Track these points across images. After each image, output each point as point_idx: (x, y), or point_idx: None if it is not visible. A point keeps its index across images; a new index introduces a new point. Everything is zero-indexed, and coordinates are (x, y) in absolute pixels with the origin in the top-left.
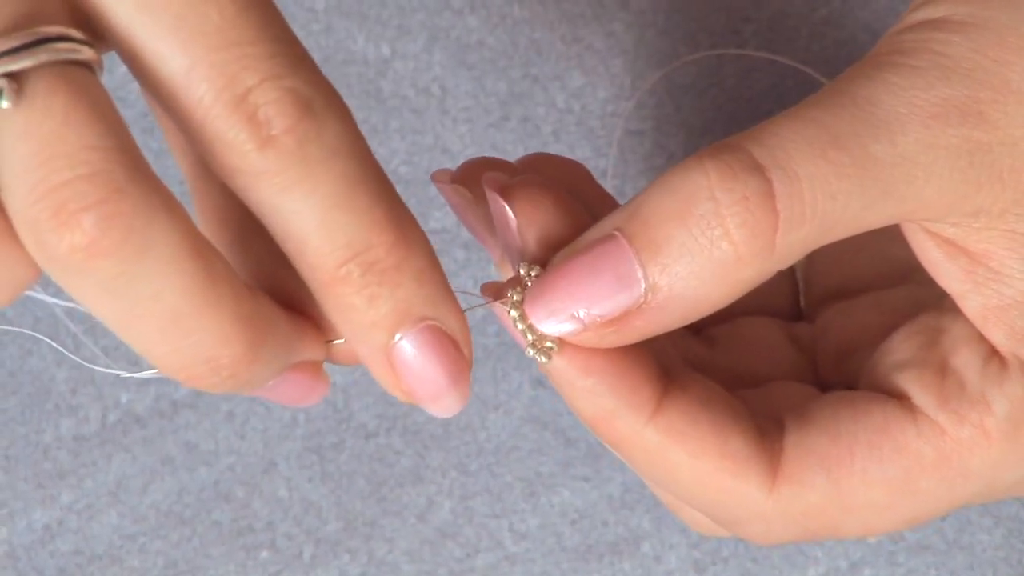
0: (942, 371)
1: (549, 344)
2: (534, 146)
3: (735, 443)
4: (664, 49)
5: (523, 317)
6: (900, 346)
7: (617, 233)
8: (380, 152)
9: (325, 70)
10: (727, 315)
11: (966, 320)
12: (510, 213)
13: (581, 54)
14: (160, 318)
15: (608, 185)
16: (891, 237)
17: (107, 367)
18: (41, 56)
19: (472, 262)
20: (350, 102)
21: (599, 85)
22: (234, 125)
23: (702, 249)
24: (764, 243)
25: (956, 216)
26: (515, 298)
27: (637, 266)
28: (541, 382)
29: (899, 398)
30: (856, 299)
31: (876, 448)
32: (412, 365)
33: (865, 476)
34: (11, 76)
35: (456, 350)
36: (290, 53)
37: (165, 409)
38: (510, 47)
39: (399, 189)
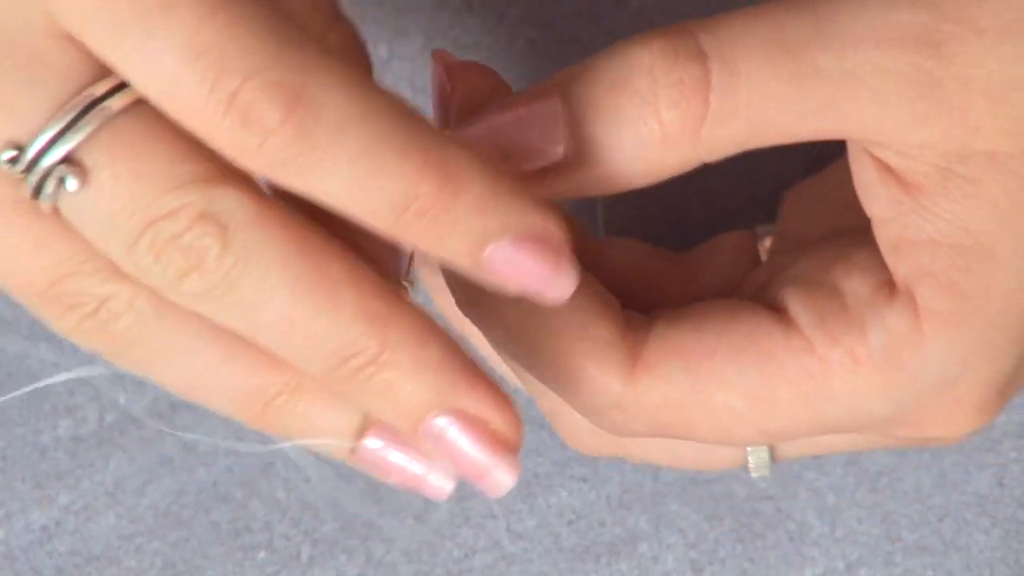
0: (829, 293)
1: None
2: None
3: (597, 328)
4: None
5: None
6: (794, 264)
7: (554, 90)
8: None
9: None
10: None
11: (869, 251)
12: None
13: (579, 54)
14: (278, 323)
15: None
16: (846, 205)
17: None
18: (88, 126)
19: None
20: None
21: None
22: (231, 127)
23: (629, 122)
24: (690, 130)
25: (899, 144)
26: None
27: (562, 125)
28: None
29: (778, 311)
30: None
31: (740, 351)
32: (507, 270)
33: (724, 376)
34: (69, 159)
35: (546, 244)
36: (269, 45)
37: (163, 410)
38: (508, 47)
39: None
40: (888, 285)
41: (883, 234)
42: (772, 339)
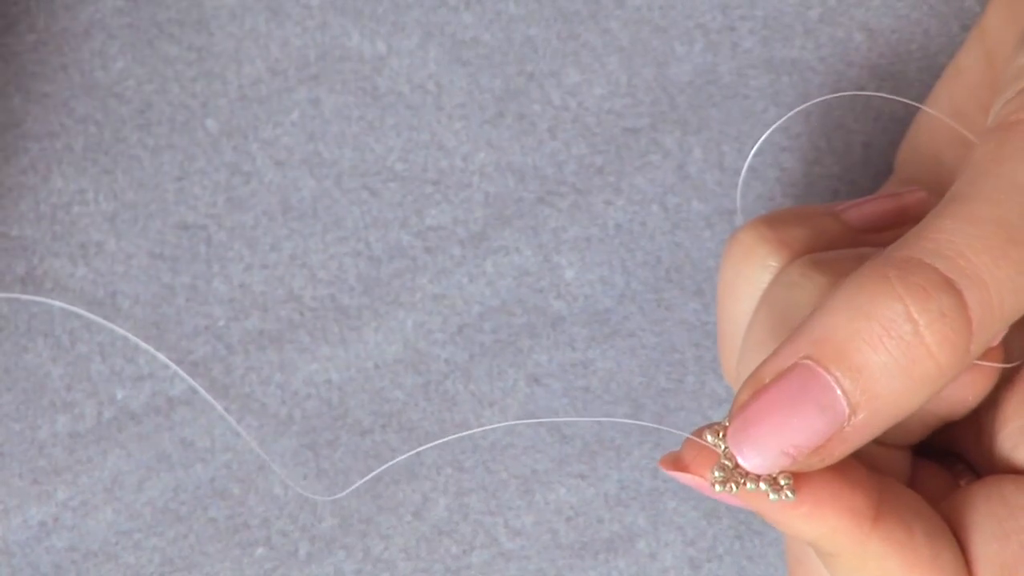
0: None
1: (783, 481)
2: (530, 143)
3: (945, 556)
4: (659, 47)
5: (731, 457)
6: (1017, 413)
7: (809, 362)
8: (376, 149)
9: (320, 67)
10: None
11: None
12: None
13: (577, 51)
14: None
15: (604, 182)
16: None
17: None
18: None
19: (468, 259)
20: (345, 99)
21: (595, 82)
22: None
23: (904, 369)
24: (962, 351)
25: None
26: (722, 446)
27: (840, 393)
28: (537, 379)
29: None
30: None
31: None
32: None
33: None
34: None
35: None
36: None
37: (161, 406)
38: (505, 44)
39: (394, 186)
40: None
41: None
42: None
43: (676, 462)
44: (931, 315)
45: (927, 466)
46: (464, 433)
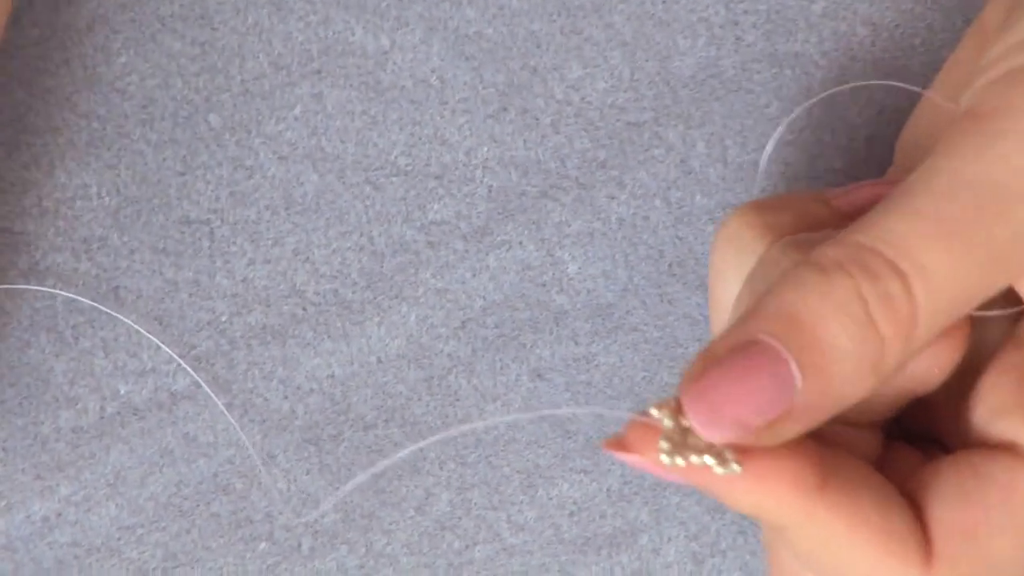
0: None
1: (729, 454)
2: (533, 138)
3: (895, 521)
4: (662, 41)
5: (679, 428)
6: (993, 390)
7: (765, 337)
8: (379, 143)
9: (323, 61)
10: None
11: None
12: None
13: (580, 45)
14: None
15: (607, 176)
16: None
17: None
18: None
19: (470, 253)
20: (348, 93)
21: (598, 76)
22: None
23: (854, 347)
24: (907, 334)
25: None
26: (666, 422)
27: (794, 368)
28: (540, 374)
29: (1009, 448)
30: None
31: (1007, 505)
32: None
33: (1003, 536)
34: None
35: None
36: None
37: (164, 401)
38: (508, 38)
39: (398, 180)
40: None
41: None
42: None
43: (620, 443)
44: (879, 297)
45: (901, 448)
46: (465, 427)
